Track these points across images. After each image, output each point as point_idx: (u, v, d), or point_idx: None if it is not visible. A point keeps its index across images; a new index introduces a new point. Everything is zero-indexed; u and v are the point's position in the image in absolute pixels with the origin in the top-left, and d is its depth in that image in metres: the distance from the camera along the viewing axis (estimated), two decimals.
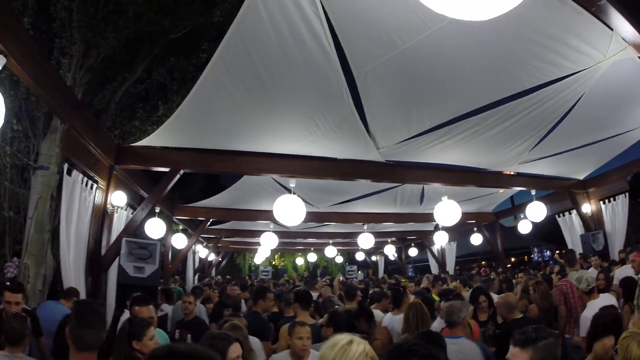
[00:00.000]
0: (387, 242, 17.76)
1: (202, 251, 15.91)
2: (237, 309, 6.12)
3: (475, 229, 13.86)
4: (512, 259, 25.35)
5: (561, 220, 10.76)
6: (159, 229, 8.46)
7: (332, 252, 17.87)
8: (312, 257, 21.94)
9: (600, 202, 9.61)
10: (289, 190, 7.32)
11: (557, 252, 16.07)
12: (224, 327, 3.44)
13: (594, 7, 3.71)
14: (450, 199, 8.30)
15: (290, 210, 6.99)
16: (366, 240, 13.02)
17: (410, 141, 6.36)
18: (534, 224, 11.06)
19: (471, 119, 5.81)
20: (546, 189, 10.18)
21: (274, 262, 29.74)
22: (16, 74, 3.97)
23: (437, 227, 14.09)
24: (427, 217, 11.59)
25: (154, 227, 8.36)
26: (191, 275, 14.30)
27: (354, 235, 14.86)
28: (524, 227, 11.52)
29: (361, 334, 4.78)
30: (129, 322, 3.32)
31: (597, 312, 3.55)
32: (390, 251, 18.32)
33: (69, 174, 5.43)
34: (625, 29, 3.98)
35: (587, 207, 9.79)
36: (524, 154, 7.35)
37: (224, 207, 11.46)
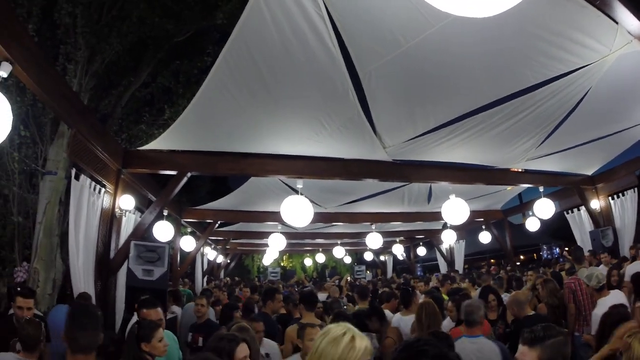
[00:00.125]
0: (395, 242, 17.72)
1: (211, 253, 15.95)
2: (251, 311, 6.10)
3: (483, 227, 13.78)
4: (521, 257, 25.24)
5: (570, 216, 10.65)
6: (167, 231, 8.48)
7: (340, 252, 17.83)
8: (321, 258, 21.89)
9: (609, 198, 9.52)
10: (296, 191, 7.31)
11: (567, 249, 15.99)
12: (231, 329, 3.44)
13: (598, 1, 3.68)
14: (457, 197, 8.26)
15: (298, 211, 6.98)
16: (374, 240, 12.98)
17: (416, 140, 6.33)
18: (542, 221, 10.95)
19: (477, 116, 5.76)
20: (554, 186, 10.08)
21: (282, 263, 29.78)
22: (22, 80, 4.00)
23: (445, 226, 14.05)
24: (435, 216, 11.55)
25: (162, 230, 8.38)
26: (200, 277, 14.35)
27: (362, 235, 14.83)
28: (532, 225, 11.41)
29: (373, 332, 4.84)
30: (138, 325, 3.34)
31: (607, 311, 3.53)
32: (398, 250, 18.28)
33: (77, 178, 5.45)
34: (630, 22, 3.94)
35: (595, 203, 9.69)
36: (531, 151, 7.30)
37: (231, 209, 11.45)
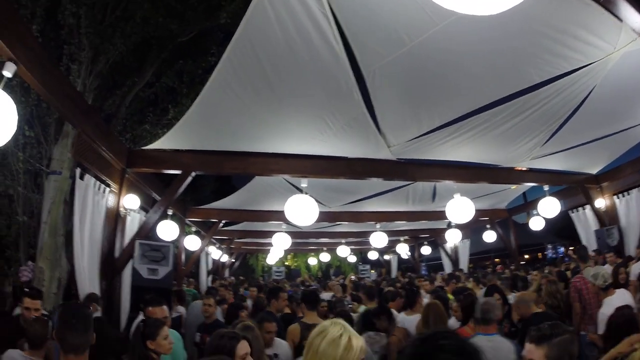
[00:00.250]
0: (399, 241, 17.72)
1: (215, 252, 15.95)
2: (261, 309, 6.10)
3: (488, 226, 13.74)
4: (526, 256, 25.15)
5: (575, 215, 10.56)
6: (172, 231, 8.49)
7: (344, 251, 17.83)
8: (325, 257, 21.89)
9: (614, 197, 9.45)
10: (300, 190, 7.29)
11: (571, 248, 15.92)
12: (236, 328, 3.44)
13: None
14: (462, 196, 8.25)
15: (302, 210, 6.97)
16: (379, 239, 12.95)
17: (420, 139, 6.32)
18: (547, 220, 10.91)
19: (481, 115, 5.74)
20: (559, 184, 10.04)
21: (286, 263, 29.79)
22: (26, 80, 4.01)
23: (449, 225, 14.02)
24: (440, 215, 11.53)
25: (167, 230, 8.38)
26: (204, 277, 14.36)
27: (366, 234, 14.80)
28: (536, 224, 11.36)
29: (381, 331, 4.86)
30: (143, 323, 3.36)
31: (613, 313, 3.52)
32: (403, 250, 18.27)
33: (82, 178, 5.46)
34: (634, 19, 3.91)
35: (600, 202, 9.63)
36: (535, 149, 7.27)
37: (236, 208, 11.47)
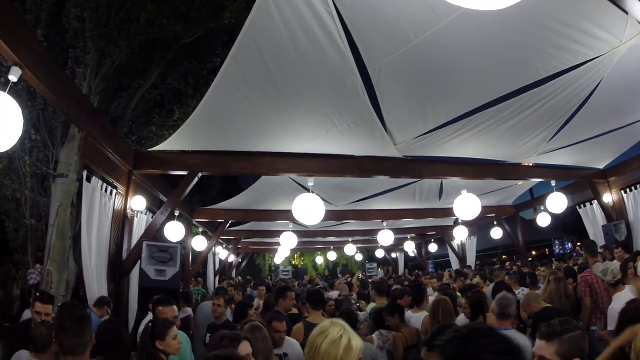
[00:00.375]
0: (406, 239, 17.71)
1: (222, 253, 15.99)
2: (270, 308, 6.11)
3: (495, 222, 13.68)
4: (533, 252, 25.05)
5: (582, 210, 10.48)
6: (179, 232, 8.51)
7: (351, 250, 17.83)
8: (332, 256, 21.90)
9: (621, 191, 9.37)
10: (307, 189, 7.29)
11: (579, 244, 15.84)
12: (244, 328, 3.45)
13: None
14: (469, 192, 8.22)
15: (309, 209, 6.96)
16: (385, 237, 12.95)
17: (426, 135, 6.30)
18: (554, 215, 10.86)
19: (487, 111, 5.71)
20: (566, 180, 9.97)
21: (293, 262, 29.81)
22: (32, 84, 4.02)
23: (456, 222, 14.00)
24: (447, 212, 11.52)
25: (174, 230, 8.41)
26: (212, 277, 14.40)
27: (373, 232, 14.80)
28: (543, 220, 11.32)
29: (392, 329, 4.88)
30: (152, 323, 3.37)
31: (624, 307, 3.48)
32: (409, 247, 18.28)
33: (88, 180, 5.49)
34: None
35: (608, 197, 9.55)
36: (542, 145, 7.23)
37: (242, 208, 11.46)
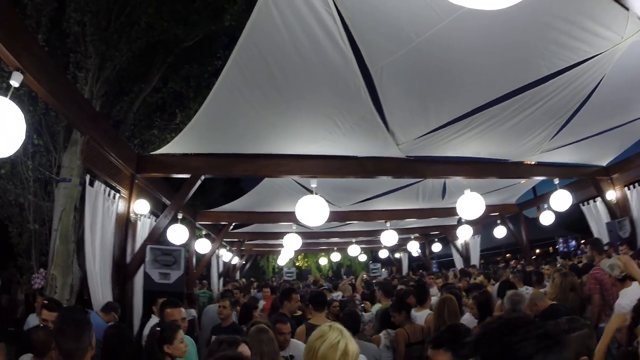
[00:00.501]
0: (410, 239, 17.66)
1: (226, 255, 15.97)
2: (275, 310, 6.11)
3: (498, 221, 13.64)
4: (537, 251, 25.02)
5: (586, 208, 10.39)
6: (182, 235, 8.51)
7: (355, 250, 17.78)
8: (336, 257, 21.87)
9: (625, 188, 9.32)
10: (310, 190, 7.28)
11: (583, 241, 15.80)
12: (250, 331, 3.46)
13: None
14: (472, 191, 8.20)
15: (313, 210, 6.94)
16: (389, 237, 12.90)
17: (429, 135, 6.28)
18: (558, 213, 10.81)
19: (489, 110, 5.69)
20: (568, 177, 9.93)
21: (297, 263, 29.78)
22: (33, 89, 4.03)
23: (459, 221, 13.96)
24: (450, 212, 11.49)
25: (177, 234, 8.41)
26: (216, 279, 14.39)
27: (376, 233, 14.76)
28: (546, 218, 11.27)
29: (396, 327, 4.91)
30: (160, 327, 3.37)
31: (637, 303, 3.44)
32: (413, 247, 18.23)
33: (91, 184, 5.49)
34: None
35: (611, 194, 9.49)
36: (544, 143, 7.20)
37: (246, 210, 11.47)
